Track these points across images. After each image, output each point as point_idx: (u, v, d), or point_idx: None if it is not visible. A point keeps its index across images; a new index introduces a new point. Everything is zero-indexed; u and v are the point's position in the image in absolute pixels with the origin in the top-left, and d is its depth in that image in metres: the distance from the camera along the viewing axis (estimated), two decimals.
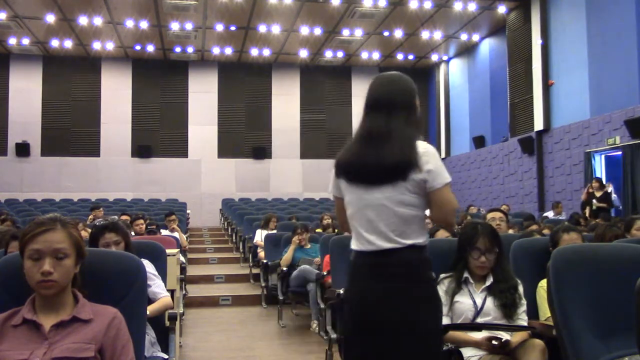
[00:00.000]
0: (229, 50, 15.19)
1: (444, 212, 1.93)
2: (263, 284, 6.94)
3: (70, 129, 15.63)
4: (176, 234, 7.38)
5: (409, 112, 1.98)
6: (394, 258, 1.90)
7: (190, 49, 15.15)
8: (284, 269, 6.00)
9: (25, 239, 1.69)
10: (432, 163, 1.88)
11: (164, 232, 7.59)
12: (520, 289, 2.68)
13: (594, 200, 9.06)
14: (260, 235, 7.93)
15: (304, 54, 15.42)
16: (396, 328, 1.86)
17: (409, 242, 1.90)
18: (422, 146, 1.90)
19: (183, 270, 6.20)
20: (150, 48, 14.85)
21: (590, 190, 9.21)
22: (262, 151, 16.38)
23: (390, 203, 1.90)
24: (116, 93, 15.84)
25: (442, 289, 2.66)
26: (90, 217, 8.93)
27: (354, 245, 2.00)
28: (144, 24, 13.11)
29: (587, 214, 8.98)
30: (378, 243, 1.91)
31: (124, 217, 7.39)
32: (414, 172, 1.87)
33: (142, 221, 6.64)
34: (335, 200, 2.11)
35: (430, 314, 1.92)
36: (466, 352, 2.53)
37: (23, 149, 15.19)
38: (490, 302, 2.62)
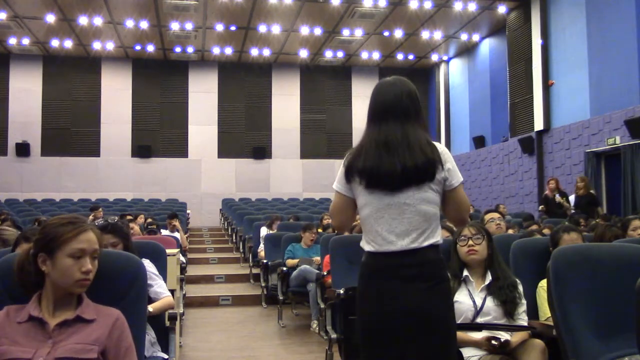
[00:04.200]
0: (229, 50, 15.19)
1: (460, 210, 2.02)
2: (263, 284, 6.94)
3: (70, 129, 15.63)
4: (177, 234, 7.38)
5: (418, 116, 2.03)
6: (415, 258, 1.92)
7: (190, 49, 15.14)
8: (284, 268, 6.00)
9: (66, 237, 1.72)
10: (450, 162, 1.98)
11: (164, 232, 7.60)
12: (520, 288, 2.69)
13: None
14: (265, 233, 7.98)
15: (304, 54, 15.41)
16: (418, 326, 1.89)
17: (429, 242, 1.94)
18: (439, 146, 1.99)
19: (183, 270, 6.21)
20: (150, 48, 14.85)
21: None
22: (262, 151, 16.38)
23: (413, 201, 1.93)
24: (116, 93, 15.84)
25: None
26: (91, 217, 8.92)
27: (369, 246, 1.99)
28: (144, 24, 13.11)
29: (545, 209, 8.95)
30: (400, 243, 1.93)
31: (129, 217, 7.35)
32: (438, 171, 1.94)
33: (133, 224, 6.61)
34: (339, 198, 2.06)
35: (449, 312, 1.97)
36: (466, 352, 2.53)
37: (23, 149, 15.18)
38: (490, 302, 2.63)
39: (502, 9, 12.59)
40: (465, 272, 2.70)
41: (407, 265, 1.91)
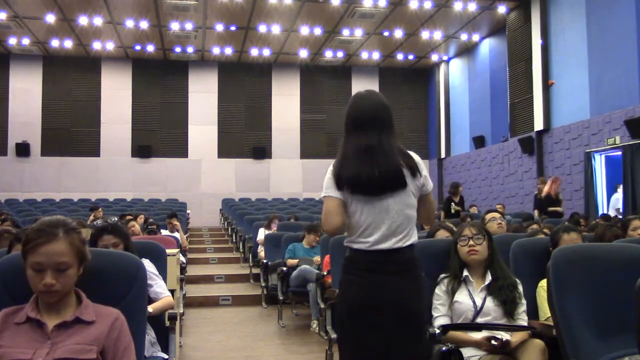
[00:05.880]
0: (229, 50, 15.19)
1: (431, 211, 2.31)
2: (263, 284, 6.94)
3: (70, 129, 15.63)
4: (177, 234, 7.38)
5: (391, 126, 2.22)
6: (398, 256, 2.13)
7: (190, 49, 15.15)
8: (284, 268, 6.01)
9: (27, 247, 1.68)
10: (425, 169, 2.22)
11: (164, 232, 7.60)
12: (520, 288, 2.69)
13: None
14: (263, 234, 7.96)
15: (304, 54, 15.42)
16: (399, 318, 2.09)
17: (410, 241, 2.16)
18: (414, 155, 2.21)
19: (183, 270, 6.21)
20: (150, 48, 14.85)
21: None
22: (262, 151, 16.38)
23: (400, 206, 2.14)
24: (116, 93, 15.84)
25: (441, 289, 2.67)
26: (91, 217, 8.93)
27: (358, 245, 2.15)
28: (144, 24, 13.11)
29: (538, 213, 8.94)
30: (389, 242, 2.12)
31: (128, 217, 7.37)
32: (416, 178, 2.16)
33: (134, 223, 6.64)
34: (331, 201, 2.17)
35: (424, 305, 2.24)
36: (466, 352, 2.53)
37: (23, 149, 15.19)
38: (490, 302, 2.62)
39: (502, 9, 12.59)
40: (465, 272, 2.69)
41: (391, 262, 2.11)
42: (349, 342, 2.15)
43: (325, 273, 4.92)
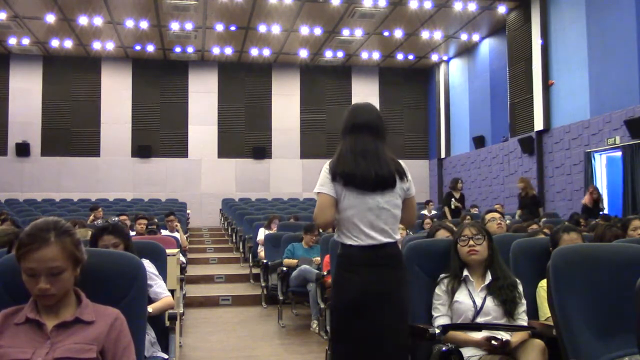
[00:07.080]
0: (229, 50, 15.19)
1: (413, 214, 2.55)
2: (263, 284, 6.95)
3: (70, 129, 15.63)
4: (177, 234, 7.39)
5: (385, 136, 2.49)
6: (388, 250, 2.36)
7: (190, 49, 15.14)
8: (284, 268, 6.01)
9: (19, 253, 1.67)
10: (410, 175, 2.47)
11: (164, 232, 7.60)
12: (520, 288, 2.69)
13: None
14: (263, 234, 7.97)
15: (304, 54, 15.42)
16: (396, 308, 2.31)
17: (395, 238, 2.39)
18: (401, 162, 2.47)
19: (183, 270, 6.21)
20: (150, 48, 14.85)
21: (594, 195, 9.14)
22: (262, 151, 16.38)
23: (388, 206, 2.37)
24: (116, 93, 15.84)
25: (441, 289, 2.67)
26: (91, 217, 8.94)
27: (351, 241, 2.36)
28: (144, 24, 13.11)
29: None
30: (378, 238, 2.34)
31: (122, 218, 7.43)
32: (403, 181, 2.42)
33: (145, 221, 6.69)
34: (325, 198, 2.36)
35: (409, 293, 2.46)
36: (466, 352, 2.53)
37: (23, 149, 15.18)
38: (490, 302, 2.62)
39: (502, 9, 12.59)
40: (465, 272, 2.69)
41: (381, 256, 2.34)
42: (346, 335, 2.31)
43: (325, 273, 4.92)
